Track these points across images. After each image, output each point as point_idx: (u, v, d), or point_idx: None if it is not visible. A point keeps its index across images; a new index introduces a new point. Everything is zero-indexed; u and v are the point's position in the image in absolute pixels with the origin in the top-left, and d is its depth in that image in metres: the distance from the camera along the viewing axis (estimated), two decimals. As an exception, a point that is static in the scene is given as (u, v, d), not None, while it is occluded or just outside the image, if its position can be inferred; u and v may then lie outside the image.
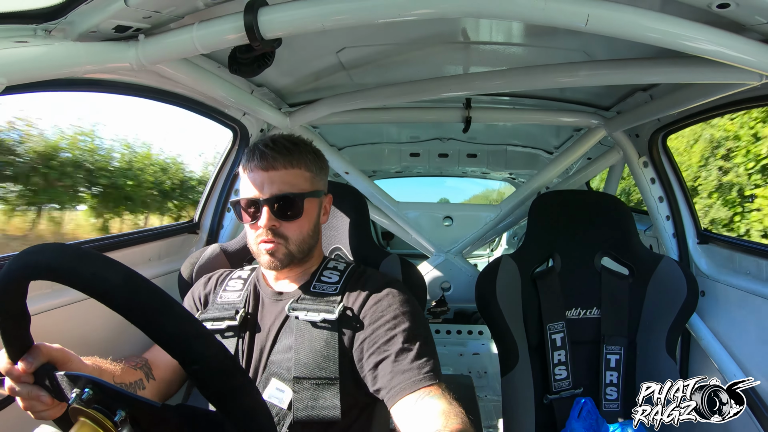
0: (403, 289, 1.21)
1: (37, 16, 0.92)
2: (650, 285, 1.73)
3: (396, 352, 1.05)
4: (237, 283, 1.30)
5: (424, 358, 1.05)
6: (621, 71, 1.39)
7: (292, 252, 1.18)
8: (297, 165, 1.18)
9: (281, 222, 1.16)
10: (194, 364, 0.53)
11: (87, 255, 0.56)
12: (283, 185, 1.15)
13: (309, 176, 1.21)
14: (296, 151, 1.19)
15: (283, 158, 1.16)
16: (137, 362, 1.13)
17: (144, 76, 1.34)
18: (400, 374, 1.02)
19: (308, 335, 1.13)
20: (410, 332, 1.09)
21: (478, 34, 1.50)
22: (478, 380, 2.96)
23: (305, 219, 1.19)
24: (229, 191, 1.99)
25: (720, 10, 0.93)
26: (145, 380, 1.12)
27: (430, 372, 1.02)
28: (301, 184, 1.18)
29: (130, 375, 1.08)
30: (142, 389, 1.10)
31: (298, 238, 1.18)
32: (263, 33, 1.00)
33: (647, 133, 1.96)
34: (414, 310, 1.15)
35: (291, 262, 1.19)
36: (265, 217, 1.14)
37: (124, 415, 0.62)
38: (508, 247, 4.61)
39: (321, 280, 1.23)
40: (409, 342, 1.07)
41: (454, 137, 2.93)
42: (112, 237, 1.64)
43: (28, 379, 0.76)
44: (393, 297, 1.16)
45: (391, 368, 1.04)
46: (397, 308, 1.13)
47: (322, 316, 1.13)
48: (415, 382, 1.00)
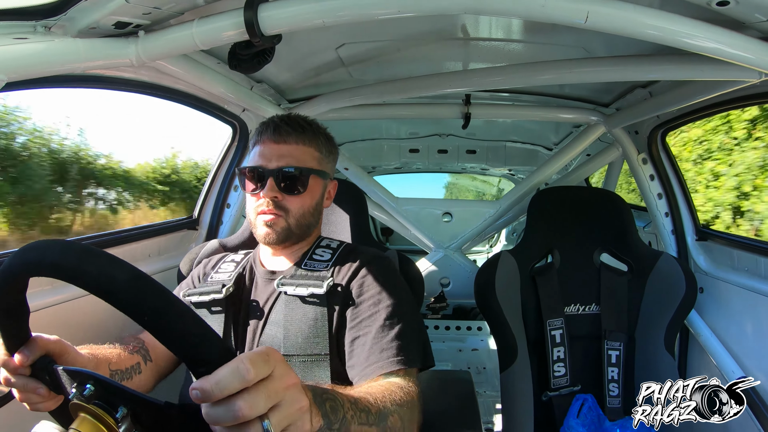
0: (392, 265, 1.21)
1: (37, 13, 0.92)
2: (649, 281, 1.74)
3: (376, 329, 1.05)
4: (229, 265, 1.30)
5: (404, 340, 1.04)
6: (620, 68, 1.40)
7: (291, 226, 1.17)
8: (309, 143, 1.20)
9: (284, 195, 1.16)
10: (201, 366, 0.53)
11: (92, 252, 0.56)
12: (291, 159, 1.16)
13: (318, 156, 1.22)
14: (310, 130, 1.21)
15: (296, 134, 1.18)
16: (134, 345, 1.11)
17: (144, 72, 1.34)
18: (376, 354, 1.02)
19: (297, 310, 1.12)
20: (393, 309, 1.08)
21: (478, 30, 1.50)
22: (477, 376, 2.96)
23: (308, 195, 1.19)
24: (228, 187, 1.99)
25: (719, 7, 0.93)
26: (143, 363, 1.10)
27: (404, 356, 1.01)
28: (309, 161, 1.19)
29: (127, 360, 1.06)
30: (139, 373, 1.08)
31: (298, 212, 1.18)
32: (263, 29, 1.01)
33: (646, 130, 1.96)
34: (400, 287, 1.15)
35: (288, 238, 1.18)
36: (267, 187, 1.14)
37: (125, 411, 0.62)
38: (507, 243, 4.61)
39: (313, 257, 1.22)
40: (391, 319, 1.06)
41: (453, 133, 2.93)
42: (111, 233, 1.64)
43: (25, 371, 0.76)
44: (379, 272, 1.15)
45: (369, 345, 1.03)
46: (382, 284, 1.12)
47: (310, 291, 1.11)
48: (386, 365, 1.00)
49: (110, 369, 0.99)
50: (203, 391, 0.50)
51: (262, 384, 0.53)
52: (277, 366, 0.55)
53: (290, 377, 0.57)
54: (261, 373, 0.52)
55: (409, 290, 1.20)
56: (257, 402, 0.52)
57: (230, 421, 0.51)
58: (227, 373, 0.51)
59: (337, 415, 0.69)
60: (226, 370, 0.51)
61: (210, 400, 0.51)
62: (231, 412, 0.51)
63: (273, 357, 0.55)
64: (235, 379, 0.51)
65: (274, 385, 0.54)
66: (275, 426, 0.53)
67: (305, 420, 0.58)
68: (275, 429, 0.53)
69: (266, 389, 0.53)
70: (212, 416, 0.52)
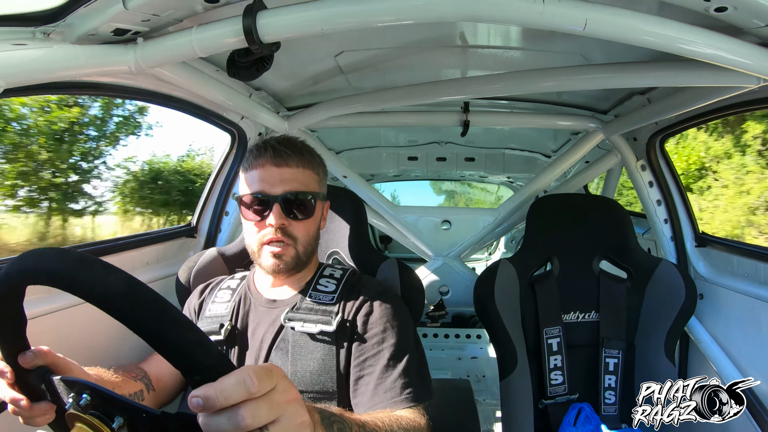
0: (396, 299, 1.20)
1: (36, 19, 0.92)
2: (648, 288, 1.73)
3: (380, 369, 1.04)
4: (225, 293, 1.26)
5: (407, 378, 1.03)
6: (619, 75, 1.40)
7: (299, 254, 1.15)
8: (309, 166, 1.17)
9: (290, 221, 1.13)
10: (197, 374, 0.52)
11: (87, 260, 0.56)
12: (296, 183, 1.13)
13: (317, 179, 1.20)
14: (307, 153, 1.18)
15: (297, 157, 1.15)
16: (137, 374, 1.11)
17: (142, 79, 1.34)
18: (381, 393, 1.01)
19: (305, 347, 1.10)
20: (397, 348, 1.07)
21: (476, 37, 1.50)
22: (476, 384, 2.95)
23: (313, 221, 1.17)
24: (227, 195, 1.98)
25: (717, 13, 0.93)
26: (146, 391, 1.09)
27: (410, 394, 1.01)
28: (311, 184, 1.17)
29: (131, 386, 1.06)
30: (142, 400, 1.07)
31: (305, 239, 1.16)
32: (262, 37, 1.00)
33: (645, 137, 1.96)
34: (405, 323, 1.13)
35: (295, 266, 1.16)
36: (275, 215, 1.10)
37: (122, 421, 0.62)
38: (506, 251, 4.61)
39: (317, 288, 1.19)
40: (395, 359, 1.05)
41: (452, 141, 2.94)
42: (110, 241, 1.63)
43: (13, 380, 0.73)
44: (384, 309, 1.13)
45: (373, 386, 1.03)
46: (386, 321, 1.11)
47: (319, 328, 1.09)
48: (390, 405, 0.99)
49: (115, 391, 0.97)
50: (206, 398, 0.50)
51: (265, 396, 0.52)
52: (280, 381, 0.55)
53: (292, 392, 0.56)
54: (264, 386, 0.52)
55: (411, 320, 1.18)
56: (260, 412, 0.51)
57: (231, 431, 0.50)
58: (232, 382, 0.51)
59: None
60: (231, 379, 0.51)
61: (212, 408, 0.50)
62: (233, 421, 0.50)
63: (276, 372, 0.55)
64: (239, 389, 0.50)
65: (277, 398, 0.54)
66: None
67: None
68: None
69: (269, 401, 0.52)
70: (212, 425, 0.51)
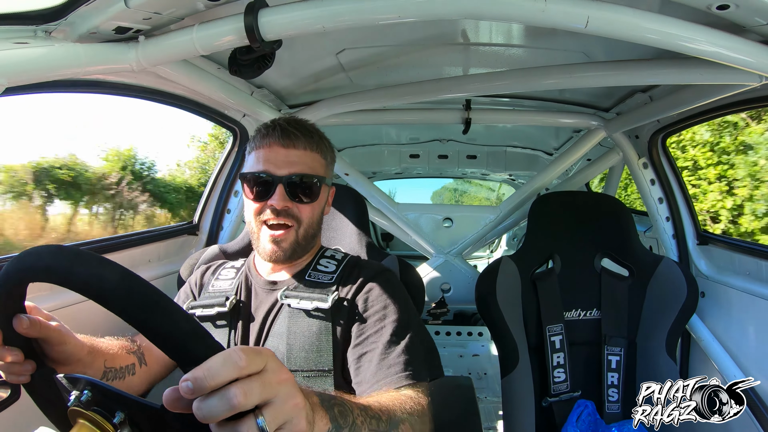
0: (395, 278, 1.19)
1: (38, 17, 0.92)
2: (650, 286, 1.73)
3: (383, 344, 1.02)
4: (229, 272, 1.27)
5: (410, 354, 1.01)
6: (620, 72, 1.40)
7: (299, 239, 1.13)
8: (317, 149, 1.16)
9: (294, 203, 1.11)
10: (191, 364, 0.52)
11: (82, 255, 0.56)
12: (302, 166, 1.12)
13: (324, 163, 1.18)
14: (317, 136, 1.17)
15: (306, 139, 1.13)
16: (131, 347, 1.09)
17: (144, 77, 1.34)
18: (384, 369, 0.99)
19: (301, 324, 1.09)
20: (399, 324, 1.05)
21: (478, 35, 1.50)
22: (478, 381, 2.95)
23: (317, 204, 1.16)
24: (228, 193, 1.99)
25: (719, 11, 0.93)
26: (137, 365, 1.08)
27: (412, 371, 0.99)
28: (318, 168, 1.15)
29: (123, 359, 1.04)
30: (132, 374, 1.05)
31: (308, 222, 1.14)
32: (263, 34, 1.00)
33: (647, 135, 1.96)
34: (405, 301, 1.13)
35: (293, 255, 1.15)
36: (278, 196, 1.09)
37: (123, 416, 0.62)
38: (508, 249, 4.61)
39: (317, 268, 1.18)
40: (398, 335, 1.04)
41: (453, 138, 2.94)
42: (112, 238, 1.63)
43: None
44: (384, 287, 1.12)
45: (377, 361, 1.01)
46: (387, 298, 1.10)
47: (314, 305, 1.08)
48: (394, 380, 0.97)
49: (105, 366, 0.96)
50: (195, 379, 0.48)
51: (257, 375, 0.51)
52: (270, 361, 0.53)
53: (283, 372, 0.54)
54: (253, 365, 0.51)
55: (410, 298, 1.18)
56: (252, 390, 0.49)
57: (225, 412, 0.48)
58: (219, 361, 0.49)
59: (347, 419, 0.68)
60: (219, 358, 0.50)
61: (202, 389, 0.48)
62: (225, 400, 0.48)
63: (265, 353, 0.53)
64: (227, 366, 0.49)
65: (268, 377, 0.52)
66: (270, 423, 0.51)
67: (301, 417, 0.55)
68: (270, 426, 0.50)
69: (260, 379, 0.51)
70: (205, 409, 0.48)
